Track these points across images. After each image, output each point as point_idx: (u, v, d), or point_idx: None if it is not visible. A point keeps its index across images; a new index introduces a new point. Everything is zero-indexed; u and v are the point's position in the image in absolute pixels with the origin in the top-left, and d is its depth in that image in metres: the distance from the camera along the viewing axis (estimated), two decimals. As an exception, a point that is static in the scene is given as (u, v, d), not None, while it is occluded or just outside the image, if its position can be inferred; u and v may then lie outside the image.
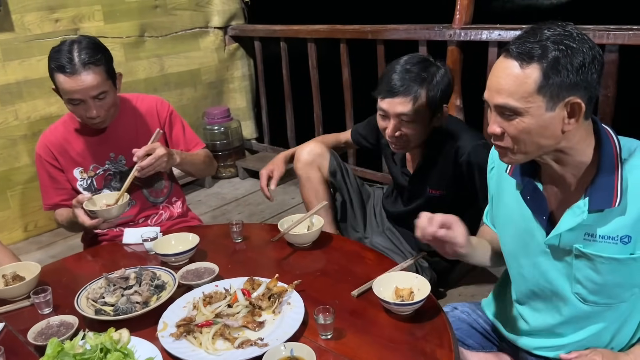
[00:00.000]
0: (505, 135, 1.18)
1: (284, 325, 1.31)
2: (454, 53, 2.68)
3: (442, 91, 1.76)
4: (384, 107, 1.78)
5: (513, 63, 1.12)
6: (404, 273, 1.44)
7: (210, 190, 3.85)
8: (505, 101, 1.14)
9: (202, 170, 2.20)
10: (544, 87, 1.10)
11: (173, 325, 1.33)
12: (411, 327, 1.30)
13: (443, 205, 1.95)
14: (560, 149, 1.18)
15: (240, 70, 4.10)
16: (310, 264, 1.65)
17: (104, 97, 1.84)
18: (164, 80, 3.64)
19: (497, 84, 1.15)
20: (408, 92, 1.73)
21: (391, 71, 1.77)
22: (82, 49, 1.78)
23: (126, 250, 1.85)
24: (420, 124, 1.79)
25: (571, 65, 1.08)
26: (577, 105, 1.11)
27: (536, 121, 1.13)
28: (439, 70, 1.78)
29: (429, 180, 1.94)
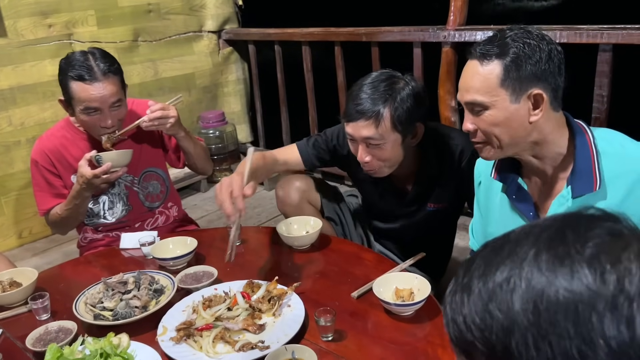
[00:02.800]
0: (477, 131, 1.27)
1: (284, 327, 1.30)
2: (449, 54, 2.69)
3: (409, 109, 1.59)
4: (350, 132, 1.64)
5: (476, 63, 1.23)
6: (404, 274, 1.44)
7: (206, 194, 3.84)
8: (472, 97, 1.23)
9: (201, 157, 2.15)
10: (505, 80, 1.19)
11: (173, 329, 1.32)
12: (412, 328, 1.30)
13: (443, 216, 1.94)
14: (534, 142, 1.25)
15: (234, 74, 4.10)
16: (309, 266, 1.64)
17: (119, 106, 1.85)
18: (158, 85, 3.63)
19: (465, 83, 1.26)
20: (370, 113, 1.58)
21: (356, 91, 1.63)
22: (98, 59, 1.80)
23: (123, 255, 1.84)
24: (391, 147, 1.63)
25: (529, 59, 1.19)
26: (539, 96, 1.20)
27: (503, 114, 1.21)
28: (406, 86, 1.62)
29: (429, 196, 1.84)
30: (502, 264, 0.51)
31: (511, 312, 0.48)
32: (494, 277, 0.50)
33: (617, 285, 0.44)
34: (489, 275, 0.51)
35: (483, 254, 0.54)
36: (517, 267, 0.50)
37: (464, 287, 0.52)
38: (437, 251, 1.99)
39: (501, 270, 0.51)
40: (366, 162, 1.67)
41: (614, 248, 0.47)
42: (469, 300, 0.51)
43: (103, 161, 1.79)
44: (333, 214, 2.07)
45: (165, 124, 1.88)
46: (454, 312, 0.53)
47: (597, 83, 2.20)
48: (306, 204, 2.01)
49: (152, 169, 2.14)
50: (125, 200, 2.09)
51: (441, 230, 2.01)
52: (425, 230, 1.93)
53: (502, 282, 0.50)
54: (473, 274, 0.53)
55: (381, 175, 1.73)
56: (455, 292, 0.54)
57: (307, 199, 2.00)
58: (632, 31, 2.05)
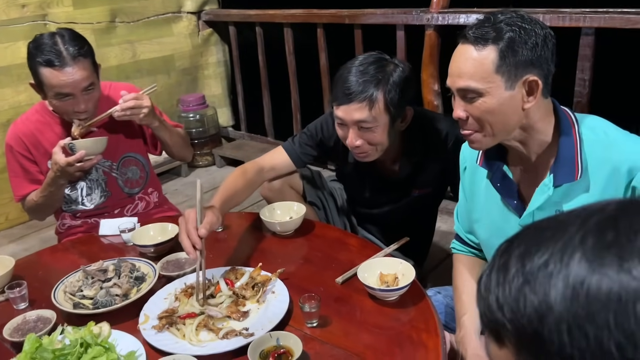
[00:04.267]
0: (469, 119, 1.23)
1: (268, 314, 1.29)
2: (432, 37, 2.67)
3: (401, 91, 1.59)
4: (340, 115, 1.61)
5: (470, 47, 1.18)
6: (388, 259, 1.44)
7: (186, 179, 3.79)
8: (466, 84, 1.19)
9: (180, 146, 2.11)
10: (501, 66, 1.15)
11: (155, 318, 1.30)
12: (396, 313, 1.30)
13: (426, 201, 1.94)
14: (523, 128, 1.23)
15: (215, 56, 4.03)
16: (293, 252, 1.63)
17: (92, 90, 1.80)
18: (136, 67, 3.55)
19: (457, 69, 1.21)
20: (364, 96, 1.56)
21: (345, 74, 1.61)
22: (67, 42, 1.73)
23: (103, 242, 1.81)
24: (382, 129, 1.62)
25: (525, 44, 1.15)
26: (534, 82, 1.17)
27: (497, 100, 1.17)
28: (396, 68, 1.61)
29: (416, 181, 1.84)
30: (544, 246, 0.49)
31: (547, 298, 0.46)
32: (532, 260, 0.49)
33: None
34: (528, 258, 0.49)
35: (524, 235, 0.52)
36: (559, 250, 0.47)
37: (500, 267, 0.51)
38: (419, 235, 1.99)
39: (542, 252, 0.48)
40: (357, 146, 1.64)
41: None
42: (505, 280, 0.50)
43: (76, 149, 1.74)
44: (315, 198, 2.05)
45: (139, 114, 1.82)
46: (487, 291, 0.52)
47: (579, 67, 2.21)
48: (288, 189, 1.98)
49: (131, 154, 2.09)
50: (103, 187, 2.05)
51: (424, 215, 2.02)
52: (409, 215, 1.93)
53: (541, 266, 0.48)
54: (511, 254, 0.51)
55: (370, 160, 1.71)
56: (491, 271, 0.52)
57: (289, 183, 1.97)
58: (614, 15, 2.06)
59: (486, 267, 0.54)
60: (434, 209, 2.03)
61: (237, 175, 1.76)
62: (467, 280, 1.54)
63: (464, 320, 1.45)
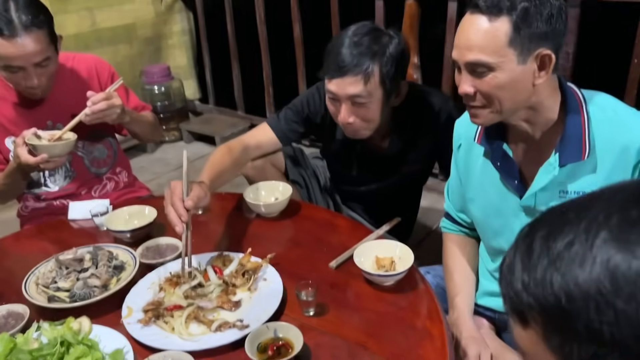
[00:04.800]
0: (477, 95, 1.16)
1: (262, 303, 1.22)
2: (412, 7, 2.60)
3: (397, 64, 1.53)
4: (333, 90, 1.53)
5: (482, 18, 1.10)
6: (384, 241, 1.39)
7: (153, 155, 3.64)
8: (476, 57, 1.11)
9: (149, 133, 2.02)
10: (515, 39, 1.08)
11: (139, 310, 1.21)
12: (395, 298, 1.25)
13: (414, 179, 1.90)
14: (531, 106, 1.17)
15: (179, 25, 3.84)
16: (281, 235, 1.56)
17: (46, 64, 1.63)
18: (96, 36, 3.34)
19: (466, 40, 1.12)
20: (359, 69, 1.49)
21: (338, 46, 1.52)
22: (20, 8, 1.53)
23: (73, 227, 1.69)
24: (376, 105, 1.55)
25: (540, 16, 1.07)
26: (547, 57, 1.10)
27: (508, 75, 1.11)
28: (392, 40, 1.53)
29: (405, 158, 1.79)
30: (567, 227, 0.50)
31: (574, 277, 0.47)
32: (557, 241, 0.49)
33: None
34: (552, 240, 0.50)
35: (546, 218, 0.53)
36: (583, 231, 0.48)
37: (525, 251, 0.52)
38: (404, 213, 1.95)
39: (565, 233, 0.49)
40: (349, 123, 1.57)
41: None
42: (530, 263, 0.51)
43: (38, 152, 1.58)
44: (298, 177, 1.98)
45: (111, 116, 1.68)
46: (511, 274, 0.52)
47: (563, 40, 2.18)
48: (270, 167, 1.90)
49: (97, 132, 1.95)
50: (68, 167, 1.91)
51: (411, 193, 1.98)
52: (395, 193, 1.89)
53: (566, 246, 0.48)
54: (535, 237, 0.52)
55: (362, 137, 1.65)
56: (514, 254, 0.53)
57: (271, 162, 1.89)
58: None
59: (509, 251, 0.55)
60: (421, 186, 2.00)
61: (223, 153, 1.67)
62: (459, 260, 1.51)
63: (457, 301, 1.42)
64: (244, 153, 1.73)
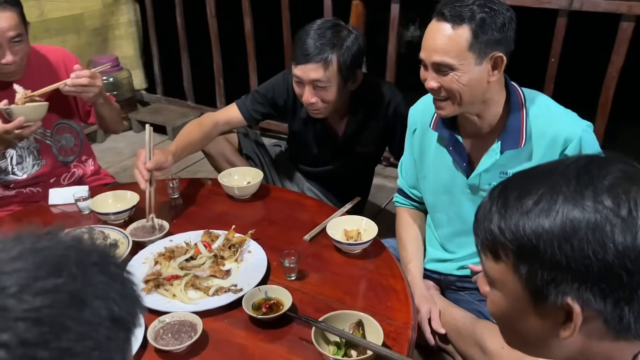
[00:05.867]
0: (441, 89, 1.38)
1: (250, 271, 1.40)
2: (359, 7, 2.80)
3: (353, 56, 1.76)
4: (298, 74, 1.77)
5: (446, 25, 1.31)
6: (351, 217, 1.60)
7: (103, 145, 3.66)
8: (441, 59, 1.33)
9: (116, 120, 2.09)
10: (473, 44, 1.30)
11: (140, 281, 1.36)
12: (364, 263, 1.47)
13: (368, 159, 2.14)
14: (484, 100, 1.40)
15: (126, 16, 3.85)
16: (256, 214, 1.73)
17: (20, 41, 1.72)
18: (44, 27, 3.31)
19: (433, 44, 1.34)
20: (320, 57, 1.72)
21: (304, 36, 1.76)
22: None
23: (54, 212, 1.78)
24: (335, 89, 1.79)
25: (495, 25, 1.30)
26: (499, 58, 1.33)
27: (467, 74, 1.33)
28: (350, 35, 1.78)
29: (360, 139, 2.01)
30: (535, 187, 0.66)
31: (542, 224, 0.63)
32: (527, 199, 0.65)
33: (628, 208, 0.61)
34: (524, 197, 0.65)
35: (516, 181, 0.69)
36: (549, 191, 0.64)
37: (501, 205, 0.67)
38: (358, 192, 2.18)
39: (535, 192, 0.65)
40: (311, 103, 1.80)
41: (625, 182, 0.63)
42: (505, 214, 0.66)
43: (14, 115, 1.67)
44: (251, 152, 2.20)
45: (89, 93, 1.78)
46: (488, 222, 0.68)
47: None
48: (224, 141, 2.11)
49: (64, 121, 2.03)
50: (36, 155, 1.98)
51: (364, 173, 2.21)
52: (351, 173, 2.12)
53: (535, 202, 0.64)
54: (509, 195, 0.67)
55: (322, 116, 1.89)
56: (490, 208, 0.69)
57: (225, 137, 2.11)
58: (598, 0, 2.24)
59: (484, 204, 0.71)
60: (372, 168, 2.23)
61: (194, 127, 1.94)
62: (411, 232, 1.75)
63: (410, 267, 1.66)
64: (214, 127, 1.98)
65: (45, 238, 0.52)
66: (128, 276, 0.54)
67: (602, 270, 0.61)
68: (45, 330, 0.45)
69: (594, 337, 0.67)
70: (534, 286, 0.66)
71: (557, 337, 0.67)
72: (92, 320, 0.48)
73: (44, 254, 0.50)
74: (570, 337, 0.66)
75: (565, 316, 0.66)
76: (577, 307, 0.63)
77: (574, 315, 0.64)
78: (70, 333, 0.46)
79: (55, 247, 0.51)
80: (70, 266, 0.49)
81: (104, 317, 0.49)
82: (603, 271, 0.61)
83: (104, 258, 0.53)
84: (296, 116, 2.03)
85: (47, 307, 0.46)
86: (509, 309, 0.71)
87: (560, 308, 0.65)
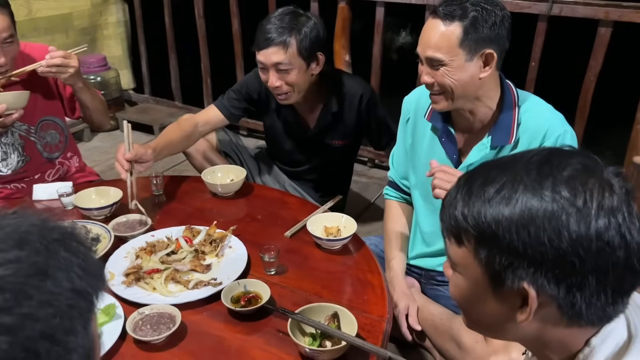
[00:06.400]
0: (435, 84, 1.44)
1: (230, 265, 1.42)
2: (344, 10, 2.84)
3: (312, 39, 1.86)
4: (261, 59, 1.86)
5: (439, 22, 1.38)
6: (331, 214, 1.63)
7: (90, 144, 3.66)
8: (433, 54, 1.39)
9: (100, 111, 2.10)
10: (464, 41, 1.36)
11: (120, 274, 1.37)
12: (342, 259, 1.50)
13: (345, 152, 2.18)
14: (477, 97, 1.45)
15: (114, 16, 3.87)
16: (238, 211, 1.76)
17: (11, 42, 1.74)
18: (32, 25, 3.32)
19: (428, 40, 1.40)
20: (279, 41, 1.81)
21: (265, 23, 1.86)
22: None
23: (38, 207, 1.79)
24: (297, 71, 1.86)
25: (486, 23, 1.35)
26: (490, 55, 1.39)
27: (458, 70, 1.39)
28: (308, 20, 1.88)
29: (333, 132, 2.08)
30: (499, 176, 0.69)
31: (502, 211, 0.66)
32: (489, 187, 0.68)
33: (584, 199, 0.64)
34: (487, 185, 0.68)
35: (481, 170, 0.72)
36: (509, 180, 0.67)
37: (465, 192, 0.70)
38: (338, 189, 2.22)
39: (497, 181, 0.68)
40: (277, 86, 1.88)
41: (583, 175, 0.66)
42: (469, 201, 0.69)
43: None
44: (230, 150, 2.24)
45: (65, 73, 1.81)
46: (453, 208, 0.71)
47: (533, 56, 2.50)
48: (202, 140, 2.15)
49: (49, 117, 2.04)
50: (20, 151, 1.99)
51: (343, 169, 2.25)
52: (329, 170, 2.17)
53: (497, 190, 0.67)
54: (473, 183, 0.70)
55: (290, 101, 1.95)
56: (456, 195, 0.72)
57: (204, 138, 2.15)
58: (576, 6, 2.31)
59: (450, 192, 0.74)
60: (351, 164, 2.27)
61: (174, 128, 1.99)
62: (399, 224, 1.79)
63: (393, 263, 1.70)
64: (194, 128, 2.02)
65: (10, 216, 0.55)
66: (90, 253, 0.56)
67: (557, 257, 0.64)
68: (7, 297, 0.47)
69: (549, 322, 0.70)
70: (492, 270, 0.69)
71: (514, 321, 0.70)
72: (54, 290, 0.50)
73: (8, 230, 0.52)
74: (526, 320, 0.69)
75: (521, 301, 0.69)
76: (533, 292, 0.66)
77: (529, 300, 0.67)
78: (32, 300, 0.48)
79: (20, 224, 0.53)
80: (34, 241, 0.52)
81: (66, 287, 0.51)
82: (557, 258, 0.64)
83: (67, 235, 0.55)
84: (269, 108, 2.12)
85: (10, 275, 0.48)
86: (469, 292, 0.74)
87: (517, 292, 0.68)
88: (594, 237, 0.63)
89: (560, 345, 0.72)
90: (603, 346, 0.69)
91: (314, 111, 2.07)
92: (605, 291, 0.66)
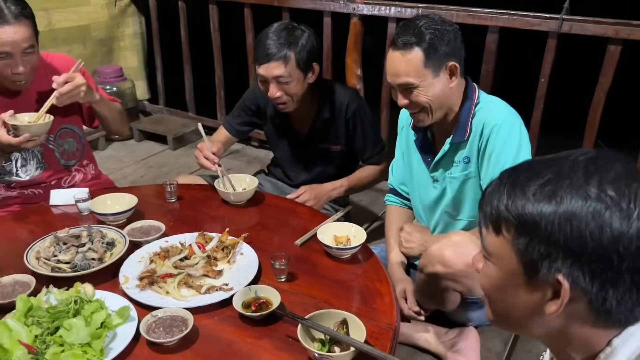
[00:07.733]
0: (412, 104, 1.59)
1: (242, 272, 1.45)
2: (357, 26, 2.89)
3: (308, 51, 1.96)
4: (262, 73, 1.96)
5: (401, 52, 1.53)
6: (341, 223, 1.66)
7: (104, 152, 3.73)
8: (404, 80, 1.55)
9: (118, 120, 2.15)
10: (427, 62, 1.52)
11: (134, 278, 1.41)
12: (351, 268, 1.52)
13: (343, 158, 2.23)
14: (449, 106, 1.62)
15: (131, 28, 3.96)
16: (250, 219, 1.79)
17: (32, 52, 1.79)
18: (51, 36, 3.41)
19: (395, 69, 1.57)
20: (279, 56, 1.91)
21: (263, 39, 1.95)
22: (9, 0, 1.71)
23: (54, 212, 1.83)
24: (296, 82, 1.97)
25: (442, 41, 1.51)
26: (453, 67, 1.55)
27: (430, 87, 1.55)
28: (303, 33, 1.97)
29: (327, 137, 2.17)
30: (543, 172, 0.71)
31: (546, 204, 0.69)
32: (536, 180, 0.71)
33: (628, 200, 0.67)
34: (532, 179, 0.71)
35: (525, 166, 0.75)
36: (556, 176, 0.70)
37: (510, 185, 0.73)
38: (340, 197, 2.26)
39: (542, 176, 0.71)
40: (277, 97, 1.99)
41: (627, 178, 0.69)
42: (514, 193, 0.72)
43: (20, 132, 1.73)
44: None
45: (79, 94, 1.85)
46: (497, 200, 0.74)
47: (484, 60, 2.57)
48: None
49: (67, 126, 2.10)
50: (39, 158, 2.04)
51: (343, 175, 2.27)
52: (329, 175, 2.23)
53: (543, 185, 0.70)
54: (518, 177, 0.73)
55: (289, 109, 2.06)
56: (499, 188, 0.74)
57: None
58: (515, 17, 2.43)
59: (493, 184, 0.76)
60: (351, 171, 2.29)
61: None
62: (395, 227, 1.93)
63: (391, 256, 1.88)
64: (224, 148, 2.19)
65: None
66: None
67: (596, 252, 0.67)
68: None
69: (576, 319, 0.72)
70: (529, 259, 0.71)
71: (542, 314, 0.73)
72: None
73: None
74: (556, 313, 0.71)
75: (552, 293, 0.71)
76: (567, 284, 0.69)
77: (562, 292, 0.69)
78: None
79: None
80: None
81: None
82: (596, 253, 0.67)
83: None
84: (266, 116, 2.23)
85: None
86: (501, 282, 0.76)
87: (550, 284, 0.70)
88: (635, 237, 0.66)
89: (584, 344, 0.74)
90: (624, 347, 0.71)
91: (307, 117, 2.17)
92: (638, 291, 0.68)
